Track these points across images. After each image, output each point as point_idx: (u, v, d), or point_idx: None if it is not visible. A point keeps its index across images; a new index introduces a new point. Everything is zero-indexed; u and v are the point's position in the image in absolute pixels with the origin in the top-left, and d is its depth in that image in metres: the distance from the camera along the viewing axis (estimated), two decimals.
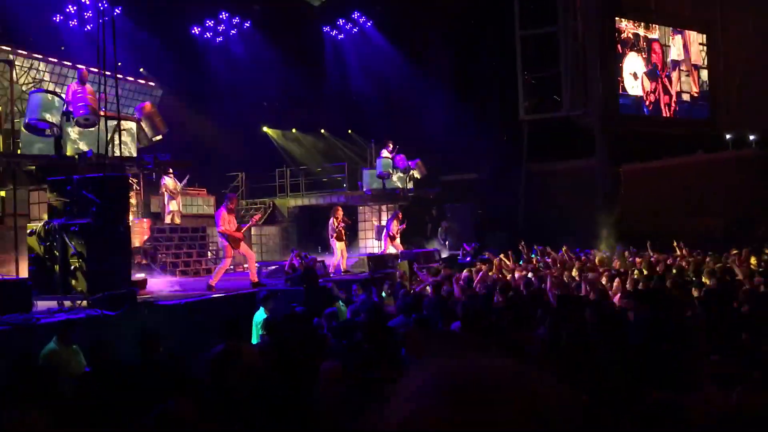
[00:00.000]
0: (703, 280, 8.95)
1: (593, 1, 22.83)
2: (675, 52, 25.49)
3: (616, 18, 23.66)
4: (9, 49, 16.42)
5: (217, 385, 4.66)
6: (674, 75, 25.43)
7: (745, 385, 3.57)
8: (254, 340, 7.68)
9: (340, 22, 25.34)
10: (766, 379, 3.78)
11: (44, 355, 6.00)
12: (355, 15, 25.19)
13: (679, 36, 25.55)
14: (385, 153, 18.49)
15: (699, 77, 26.00)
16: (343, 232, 14.73)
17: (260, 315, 8.26)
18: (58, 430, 3.81)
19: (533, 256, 15.93)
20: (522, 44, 23.60)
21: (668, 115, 25.02)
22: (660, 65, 24.96)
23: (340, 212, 14.89)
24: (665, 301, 6.99)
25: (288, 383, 4.58)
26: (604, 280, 9.72)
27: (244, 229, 12.11)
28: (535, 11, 23.41)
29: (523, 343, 4.95)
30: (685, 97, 25.68)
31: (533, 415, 0.72)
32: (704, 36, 25.90)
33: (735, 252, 12.97)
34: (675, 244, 14.85)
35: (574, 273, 11.07)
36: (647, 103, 24.41)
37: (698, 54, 25.99)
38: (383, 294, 10.69)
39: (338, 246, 14.52)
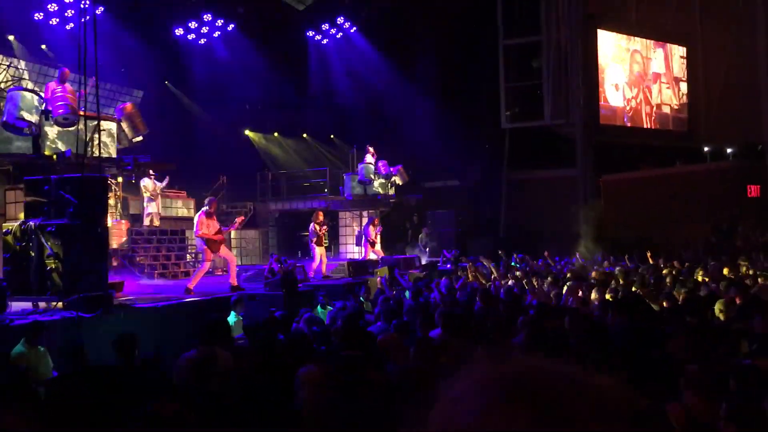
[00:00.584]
0: (675, 292, 9.01)
1: (576, 13, 23.07)
2: (656, 65, 25.80)
3: (598, 29, 23.89)
4: None
5: (191, 389, 4.59)
6: (655, 87, 25.74)
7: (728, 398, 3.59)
8: None
9: (325, 26, 25.31)
10: (743, 388, 3.80)
11: (13, 357, 5.91)
12: (340, 20, 25.18)
13: (661, 49, 25.89)
14: (367, 158, 18.47)
15: (679, 90, 26.34)
16: (323, 237, 14.68)
17: (231, 318, 8.21)
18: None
19: (513, 264, 16.00)
20: (505, 53, 23.79)
21: (649, 126, 25.30)
22: (642, 75, 25.25)
23: (321, 216, 14.84)
24: (643, 311, 7.04)
25: (271, 387, 4.54)
26: (582, 289, 9.77)
27: (226, 231, 12.01)
28: (519, 21, 23.63)
29: (502, 349, 4.94)
30: (666, 109, 25.99)
31: (602, 412, 0.70)
32: (684, 49, 26.25)
33: (713, 263, 13.12)
34: (648, 254, 15.03)
35: (551, 281, 11.11)
36: (629, 113, 24.65)
37: (679, 67, 26.33)
38: (361, 299, 10.68)
39: (318, 251, 14.47)
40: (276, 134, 27.81)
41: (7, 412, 3.78)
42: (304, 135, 28.06)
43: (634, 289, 9.72)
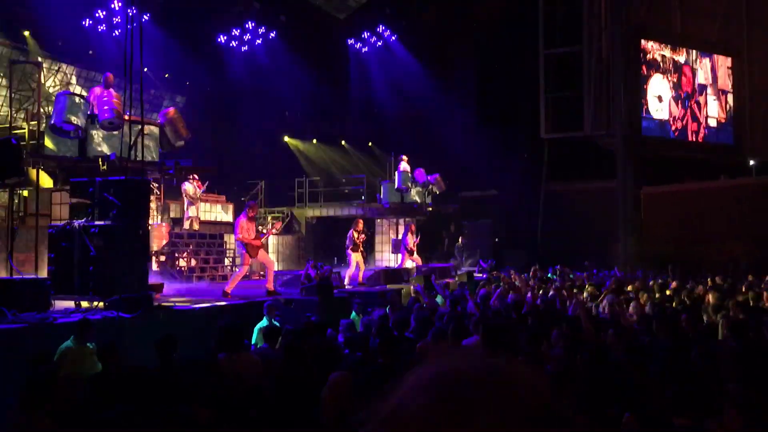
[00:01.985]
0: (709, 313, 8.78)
1: (619, 23, 22.79)
2: (702, 76, 25.30)
3: (642, 40, 23.54)
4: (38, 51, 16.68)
5: (219, 393, 4.63)
6: (700, 99, 25.22)
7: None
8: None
9: (365, 35, 25.45)
10: None
11: (60, 352, 6.02)
12: (380, 29, 25.29)
13: (707, 59, 25.34)
14: (403, 166, 18.47)
15: (726, 102, 25.74)
16: (360, 244, 14.70)
17: (262, 323, 8.26)
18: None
19: (549, 275, 15.83)
20: (545, 63, 23.59)
21: (694, 139, 24.76)
22: (690, 90, 24.77)
23: (361, 225, 14.87)
24: (685, 326, 6.89)
25: (298, 392, 4.55)
26: (621, 303, 9.62)
27: (264, 237, 12.10)
28: (560, 31, 23.41)
29: (540, 360, 4.88)
30: (712, 122, 25.44)
31: (511, 411, 0.74)
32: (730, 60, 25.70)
33: (751, 279, 12.78)
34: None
35: (589, 293, 10.94)
36: (673, 128, 24.18)
37: (725, 78, 25.75)
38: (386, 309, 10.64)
39: (354, 257, 14.48)
40: (314, 141, 28.01)
41: (39, 415, 3.85)
42: (343, 142, 28.21)
43: (675, 304, 9.52)
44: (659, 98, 24.05)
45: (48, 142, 11.27)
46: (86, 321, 6.58)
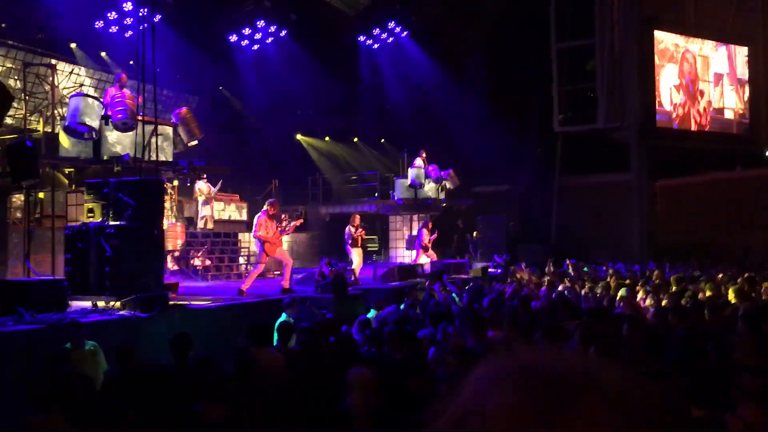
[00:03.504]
0: (730, 298, 8.70)
1: (631, 14, 22.60)
2: (719, 65, 24.99)
3: (655, 31, 23.34)
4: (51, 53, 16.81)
5: (242, 390, 4.65)
6: (716, 89, 24.92)
7: None
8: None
9: (376, 31, 25.42)
10: None
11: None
12: (391, 25, 25.26)
13: (723, 48, 25.04)
14: (417, 162, 18.45)
15: (744, 91, 25.43)
16: (359, 239, 14.73)
17: (282, 320, 8.28)
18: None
19: (565, 269, 15.75)
20: (558, 56, 23.45)
21: (698, 127, 24.47)
22: (693, 76, 24.49)
23: (358, 220, 14.88)
24: (702, 319, 6.84)
25: (318, 388, 4.56)
26: (639, 296, 9.56)
27: (284, 235, 12.12)
28: (572, 23, 23.25)
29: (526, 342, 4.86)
30: (728, 113, 25.14)
31: (606, 408, 0.69)
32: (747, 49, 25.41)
33: None
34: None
35: (604, 287, 10.87)
36: (674, 115, 23.93)
37: (744, 68, 25.44)
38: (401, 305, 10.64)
39: (355, 252, 14.52)
40: (327, 138, 28.05)
41: (54, 414, 3.88)
42: (355, 139, 28.22)
43: (689, 296, 9.44)
44: (676, 88, 23.83)
45: (63, 143, 11.37)
46: (74, 323, 6.62)
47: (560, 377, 0.72)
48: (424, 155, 18.61)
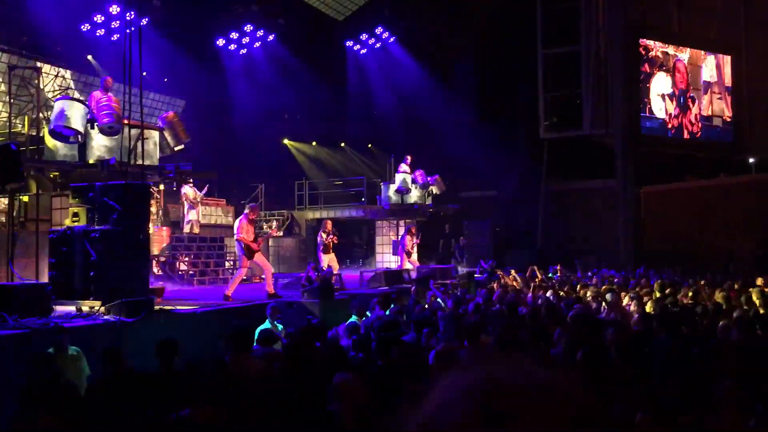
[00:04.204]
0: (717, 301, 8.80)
1: (617, 22, 22.78)
2: (708, 73, 25.24)
3: (640, 39, 23.54)
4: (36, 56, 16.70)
5: (225, 395, 4.64)
6: (705, 97, 25.15)
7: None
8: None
9: (364, 37, 25.47)
10: None
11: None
12: (379, 30, 25.31)
13: (712, 57, 25.30)
14: (403, 167, 18.48)
15: (732, 100, 25.68)
16: (330, 245, 14.73)
17: (264, 326, 8.27)
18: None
19: (550, 275, 15.83)
20: (544, 63, 23.59)
21: (690, 136, 24.73)
22: (684, 86, 24.73)
23: (330, 226, 14.92)
24: (687, 325, 6.89)
25: (305, 393, 4.55)
26: (624, 302, 9.62)
27: (261, 241, 12.11)
28: (558, 30, 23.41)
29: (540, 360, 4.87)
30: (717, 120, 25.37)
31: (554, 421, 0.72)
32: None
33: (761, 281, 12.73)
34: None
35: (591, 293, 10.94)
36: (669, 126, 24.16)
37: (731, 76, 25.70)
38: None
39: (326, 258, 14.51)
40: (314, 143, 28.04)
41: (43, 414, 3.86)
42: (342, 144, 28.22)
43: (672, 302, 9.52)
44: (662, 97, 24.02)
45: (48, 147, 11.27)
46: (57, 327, 6.57)
47: (511, 389, 0.74)
48: (409, 161, 18.67)
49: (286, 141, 27.23)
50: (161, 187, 15.56)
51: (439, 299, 10.88)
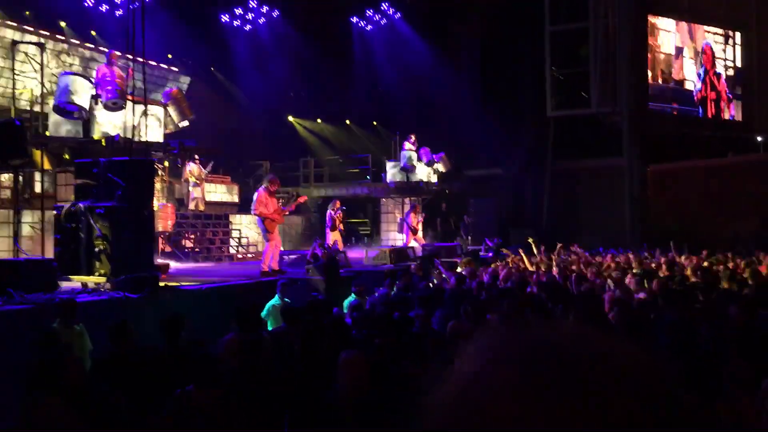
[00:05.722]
0: (723, 284, 8.76)
1: None
2: (718, 50, 25.04)
3: (649, 15, 23.26)
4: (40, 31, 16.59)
5: (231, 373, 4.63)
6: (716, 75, 24.96)
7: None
8: (270, 327, 7.68)
9: (369, 12, 25.24)
10: None
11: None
12: (384, 6, 25.07)
13: (722, 36, 25.10)
14: (407, 146, 18.38)
15: (741, 77, 25.45)
16: (338, 222, 14.98)
17: (274, 302, 8.28)
18: (74, 414, 3.81)
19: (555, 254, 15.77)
20: (551, 40, 23.33)
21: (704, 117, 24.56)
22: (708, 66, 24.51)
23: (338, 204, 15.21)
24: (692, 303, 6.86)
25: (310, 371, 4.55)
26: (627, 280, 9.58)
27: (286, 211, 12.12)
28: (566, 7, 23.13)
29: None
30: (725, 96, 25.20)
31: (617, 382, 0.64)
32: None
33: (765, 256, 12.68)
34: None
35: (594, 271, 10.90)
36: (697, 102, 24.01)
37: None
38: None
39: (332, 236, 14.70)
40: (319, 120, 27.92)
41: (49, 394, 3.85)
42: (347, 121, 28.10)
43: (679, 280, 9.48)
44: (676, 73, 23.81)
45: (52, 123, 11.24)
46: (71, 301, 6.56)
47: (567, 351, 0.67)
48: (413, 139, 18.55)
49: (290, 118, 27.12)
50: (165, 163, 15.53)
51: (444, 275, 10.87)
